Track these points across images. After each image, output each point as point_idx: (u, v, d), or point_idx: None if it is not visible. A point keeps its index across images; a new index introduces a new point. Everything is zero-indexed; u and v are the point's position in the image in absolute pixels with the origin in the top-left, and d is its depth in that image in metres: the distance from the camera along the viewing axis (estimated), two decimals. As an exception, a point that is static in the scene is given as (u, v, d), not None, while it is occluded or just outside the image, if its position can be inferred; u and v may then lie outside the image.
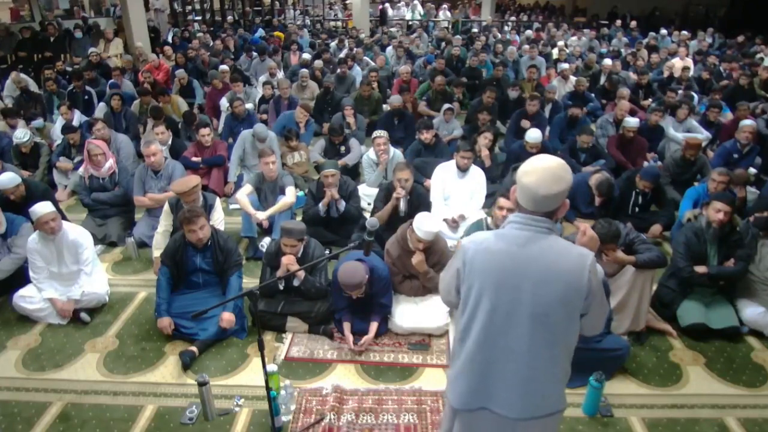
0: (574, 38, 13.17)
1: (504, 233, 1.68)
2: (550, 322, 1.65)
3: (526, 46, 10.80)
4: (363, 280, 3.25)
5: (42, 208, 3.60)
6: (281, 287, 3.60)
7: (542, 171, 1.61)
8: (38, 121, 6.52)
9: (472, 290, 1.69)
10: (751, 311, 3.56)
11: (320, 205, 4.53)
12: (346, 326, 3.45)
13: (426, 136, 5.65)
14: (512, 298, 1.64)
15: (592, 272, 1.63)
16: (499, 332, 1.67)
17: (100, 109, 7.13)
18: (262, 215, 4.48)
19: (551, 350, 1.68)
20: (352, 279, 3.23)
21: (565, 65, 8.94)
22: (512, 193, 1.73)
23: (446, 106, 6.96)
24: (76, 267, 3.77)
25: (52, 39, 10.95)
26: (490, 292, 1.65)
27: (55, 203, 4.13)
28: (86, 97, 7.79)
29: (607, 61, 9.26)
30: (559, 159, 1.66)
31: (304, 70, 8.40)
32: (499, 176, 5.62)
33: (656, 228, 4.66)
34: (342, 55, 10.60)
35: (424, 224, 3.40)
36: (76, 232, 3.80)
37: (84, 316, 3.75)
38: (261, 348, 2.49)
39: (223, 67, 8.44)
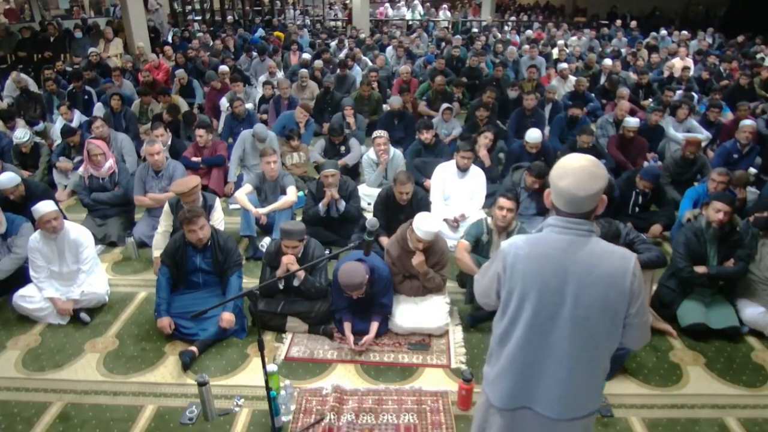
0: (574, 38, 13.17)
1: (544, 237, 1.67)
2: (591, 324, 1.65)
3: (526, 46, 10.80)
4: (363, 281, 3.25)
5: (44, 207, 3.61)
6: (281, 287, 3.60)
7: (578, 171, 1.59)
8: (39, 125, 6.51)
9: (513, 294, 1.69)
10: (752, 311, 3.56)
11: (320, 205, 4.52)
12: (347, 326, 3.45)
13: (426, 136, 5.65)
14: (554, 301, 1.64)
15: (635, 275, 1.63)
16: (540, 334, 1.68)
17: (98, 109, 7.14)
18: (262, 211, 4.49)
19: (591, 353, 1.69)
20: (353, 280, 3.23)
21: (564, 65, 8.94)
22: (546, 197, 1.71)
23: (444, 105, 6.95)
24: (76, 266, 3.77)
25: (51, 39, 10.95)
26: (532, 296, 1.65)
27: (55, 203, 4.12)
28: (86, 97, 7.79)
29: (607, 61, 9.26)
30: (590, 156, 1.65)
31: (304, 70, 8.40)
32: (499, 176, 5.62)
33: (656, 228, 4.66)
34: (342, 55, 10.60)
35: (423, 224, 3.40)
36: (78, 231, 3.80)
37: (84, 316, 3.75)
38: (261, 348, 2.49)
39: (223, 68, 8.44)
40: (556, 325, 1.65)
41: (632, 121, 5.76)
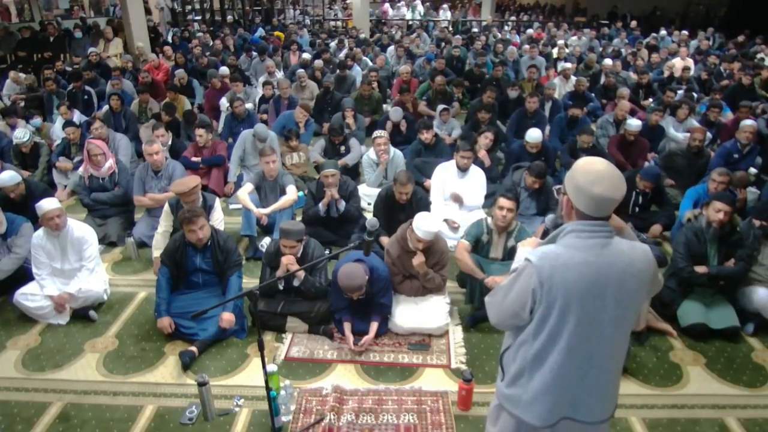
0: (575, 38, 13.17)
1: (575, 244, 1.63)
2: (627, 322, 1.69)
3: (527, 46, 10.80)
4: (363, 283, 3.25)
5: (48, 204, 3.63)
6: (281, 287, 3.59)
7: (610, 175, 1.59)
8: (36, 120, 6.51)
9: (554, 308, 1.63)
10: (765, 293, 3.53)
11: (320, 205, 4.52)
12: (347, 326, 3.44)
13: (426, 136, 5.65)
14: (597, 306, 1.63)
15: (654, 264, 1.70)
16: (584, 343, 1.66)
17: (104, 111, 7.13)
18: (263, 211, 4.49)
19: (623, 349, 1.74)
20: (353, 282, 3.22)
21: (567, 64, 8.92)
22: (567, 206, 1.68)
23: (441, 107, 6.91)
24: (79, 264, 3.78)
25: (51, 39, 10.95)
26: (575, 306, 1.61)
27: (56, 202, 4.14)
28: (86, 96, 7.80)
29: (608, 61, 9.26)
30: (602, 159, 1.66)
31: (302, 71, 8.40)
32: (499, 176, 5.61)
33: (656, 228, 4.66)
34: (342, 55, 10.60)
35: (423, 224, 3.39)
36: (82, 230, 3.81)
37: (92, 314, 3.76)
38: (261, 348, 2.49)
39: (224, 69, 8.43)
40: (599, 330, 1.65)
41: (634, 124, 5.75)
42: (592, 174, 1.59)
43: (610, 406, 1.78)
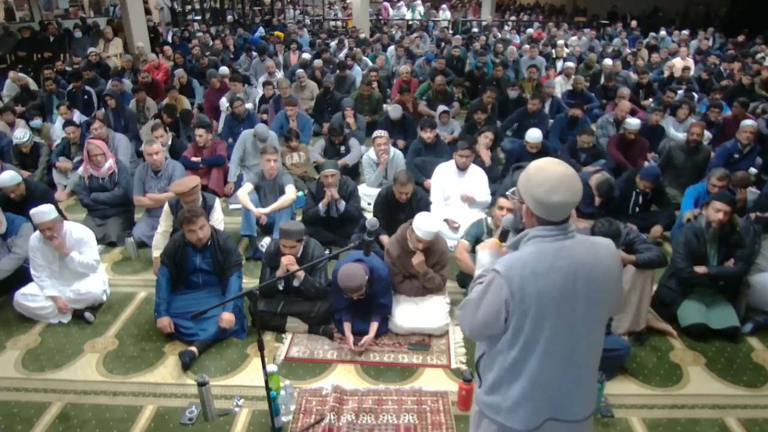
0: (575, 38, 13.16)
1: (540, 249, 1.61)
2: (601, 318, 1.71)
3: (527, 46, 10.79)
4: (363, 283, 3.25)
5: (41, 217, 3.53)
6: (281, 287, 3.59)
7: (565, 180, 1.58)
8: (36, 122, 6.51)
9: (527, 317, 1.61)
10: None
11: (320, 205, 4.52)
12: (347, 326, 3.44)
13: (429, 135, 5.65)
14: (570, 309, 1.63)
15: (617, 257, 1.71)
16: (560, 345, 1.65)
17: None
18: (263, 211, 4.48)
19: (600, 345, 1.75)
20: (352, 282, 3.22)
21: (570, 63, 8.86)
22: (526, 213, 1.67)
23: (441, 109, 6.88)
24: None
25: (51, 39, 10.94)
26: (550, 312, 1.61)
27: (55, 203, 4.12)
28: (86, 96, 7.79)
29: (608, 61, 9.25)
30: (557, 160, 1.65)
31: (301, 71, 8.40)
32: (500, 176, 5.61)
33: (657, 230, 4.65)
34: (342, 55, 10.59)
35: (423, 224, 3.39)
36: (80, 232, 3.79)
37: (88, 315, 3.75)
38: (261, 348, 2.49)
39: (223, 69, 8.43)
40: (574, 331, 1.65)
41: (633, 123, 5.75)
42: (547, 183, 1.58)
43: (593, 401, 1.80)
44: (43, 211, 3.56)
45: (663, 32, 12.83)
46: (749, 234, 3.70)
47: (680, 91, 7.96)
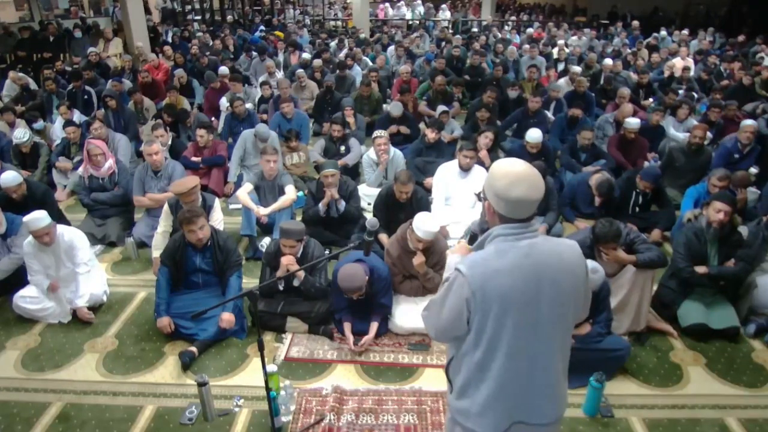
0: (575, 38, 13.15)
1: (503, 248, 1.61)
2: (567, 318, 1.68)
3: (527, 46, 10.79)
4: (363, 284, 3.25)
5: (36, 224, 3.52)
6: (281, 287, 3.59)
7: (527, 177, 1.59)
8: (38, 124, 6.51)
9: (489, 316, 1.60)
10: None
11: (320, 205, 4.52)
12: (347, 326, 3.44)
13: (434, 135, 5.65)
14: (534, 308, 1.61)
15: (582, 255, 1.70)
16: (525, 346, 1.64)
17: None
18: (264, 210, 4.48)
19: (566, 347, 1.73)
20: (352, 283, 3.22)
21: (577, 68, 8.73)
22: (489, 211, 1.67)
23: (441, 109, 6.86)
24: (72, 269, 3.75)
25: (51, 39, 10.94)
26: (512, 311, 1.59)
27: (55, 203, 4.12)
28: (86, 96, 7.78)
29: (608, 61, 9.23)
30: (519, 160, 1.66)
31: (301, 71, 8.40)
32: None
33: (656, 234, 4.64)
34: (342, 55, 10.59)
35: (423, 224, 3.39)
36: (71, 234, 3.77)
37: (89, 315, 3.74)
38: (261, 348, 2.49)
39: (223, 69, 8.43)
40: (539, 331, 1.63)
41: (633, 122, 5.75)
42: (508, 177, 1.59)
43: (562, 405, 1.75)
44: (38, 218, 3.53)
45: (663, 32, 12.81)
46: (758, 239, 3.68)
47: (680, 92, 7.95)
